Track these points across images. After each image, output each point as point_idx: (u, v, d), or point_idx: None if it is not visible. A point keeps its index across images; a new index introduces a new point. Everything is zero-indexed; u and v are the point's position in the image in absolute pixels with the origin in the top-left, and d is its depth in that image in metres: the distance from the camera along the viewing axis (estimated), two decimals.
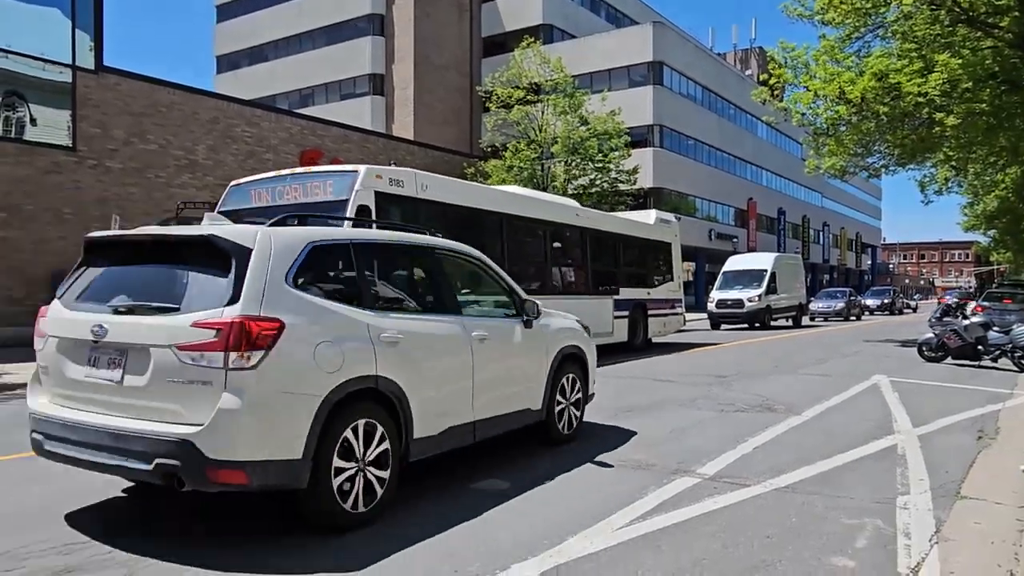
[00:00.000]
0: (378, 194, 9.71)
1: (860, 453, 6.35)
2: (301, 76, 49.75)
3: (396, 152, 31.49)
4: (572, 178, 28.57)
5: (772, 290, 27.47)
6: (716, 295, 27.68)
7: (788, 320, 29.11)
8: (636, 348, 16.74)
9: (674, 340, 19.95)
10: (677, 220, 20.81)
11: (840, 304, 35.01)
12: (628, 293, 16.53)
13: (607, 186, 29.14)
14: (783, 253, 38.12)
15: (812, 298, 37.81)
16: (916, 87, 16.87)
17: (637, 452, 6.29)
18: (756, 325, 26.58)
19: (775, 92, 22.50)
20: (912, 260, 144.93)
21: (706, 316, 27.87)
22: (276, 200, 9.73)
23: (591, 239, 15.47)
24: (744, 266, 28.81)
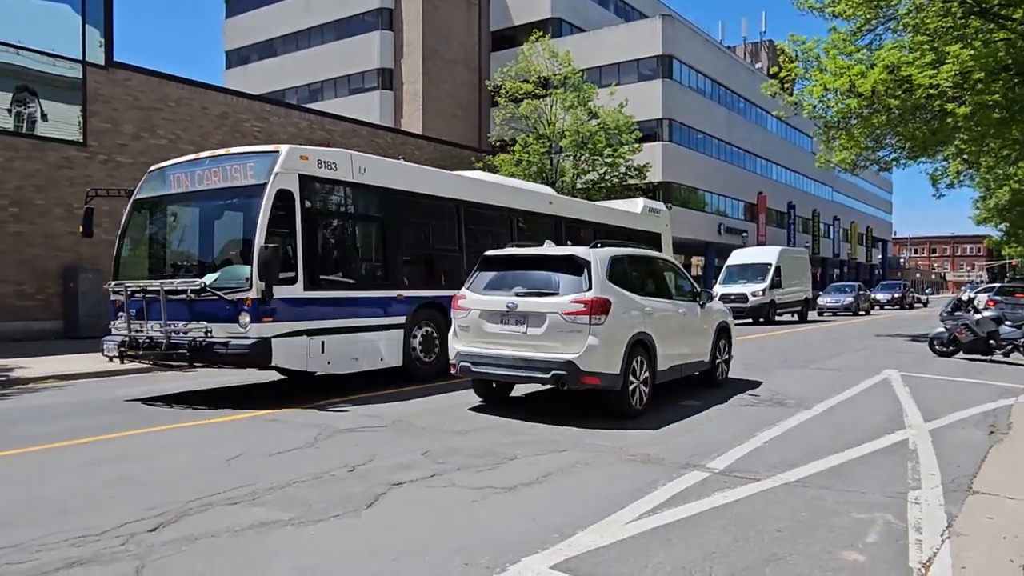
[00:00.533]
0: (304, 178, 8.80)
1: (871, 447, 6.32)
2: (310, 71, 49.78)
3: (405, 146, 31.47)
4: (581, 173, 28.48)
5: (777, 284, 26.95)
6: (719, 289, 26.97)
7: (793, 315, 28.73)
8: None
9: None
10: (668, 209, 19.78)
11: (849, 299, 34.76)
12: None
13: (616, 181, 29.03)
14: (788, 247, 37.85)
15: (820, 293, 37.62)
16: (928, 79, 16.72)
17: (648, 446, 6.28)
18: (760, 320, 26.22)
19: (785, 85, 22.37)
20: (923, 254, 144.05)
21: None
22: (196, 185, 9.04)
23: (567, 228, 14.45)
24: (748, 260, 28.27)
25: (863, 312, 35.66)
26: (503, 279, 8.02)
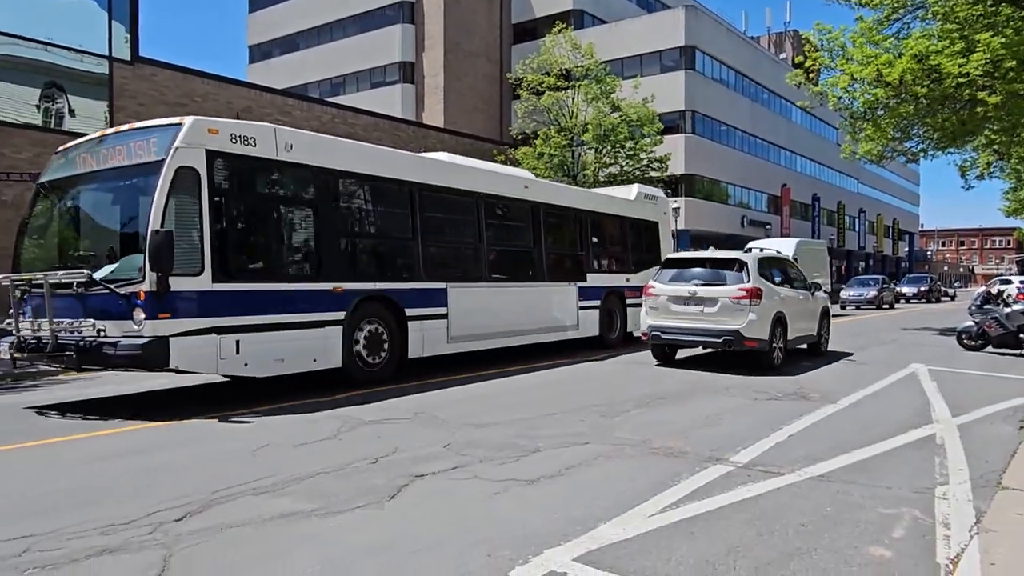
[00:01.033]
0: (213, 154, 7.72)
1: (897, 442, 6.25)
2: (332, 65, 49.97)
3: (426, 140, 31.52)
4: (603, 165, 28.34)
5: None
6: None
7: None
8: (610, 344, 14.58)
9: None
10: (667, 196, 18.28)
11: (872, 292, 34.27)
12: (598, 279, 14.41)
13: (639, 173, 28.86)
14: (806, 238, 37.17)
15: (843, 286, 37.15)
16: (957, 68, 16.42)
17: (670, 439, 6.25)
18: None
19: (810, 76, 22.08)
20: (951, 247, 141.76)
21: None
22: (102, 164, 8.13)
23: (546, 216, 13.20)
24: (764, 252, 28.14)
25: (887, 306, 35.20)
26: (682, 274, 11.34)
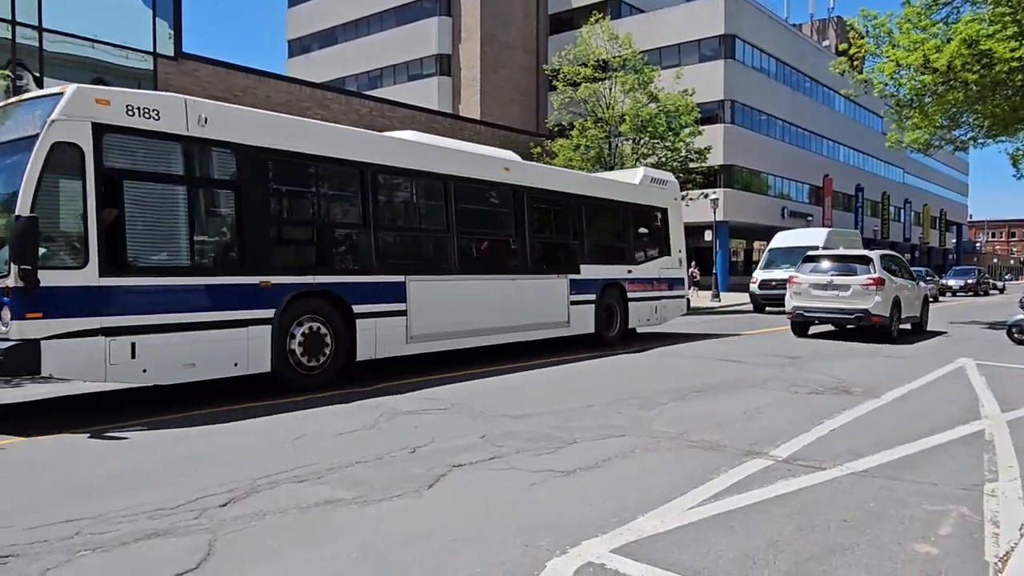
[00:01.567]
0: (101, 128, 6.76)
1: (944, 438, 6.10)
2: (370, 58, 50.33)
3: (463, 132, 31.58)
4: (641, 157, 28.10)
5: None
6: (760, 275, 24.95)
7: None
8: (608, 342, 13.43)
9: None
10: (677, 180, 16.73)
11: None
12: (594, 271, 13.14)
13: (677, 165, 28.54)
14: (838, 228, 36.08)
15: None
16: (1009, 52, 15.91)
17: (708, 433, 6.20)
18: None
19: (855, 63, 21.58)
20: (1001, 238, 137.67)
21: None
22: None
23: (531, 202, 12.00)
24: (792, 243, 25.99)
25: (932, 299, 34.29)
26: (819, 266, 15.06)
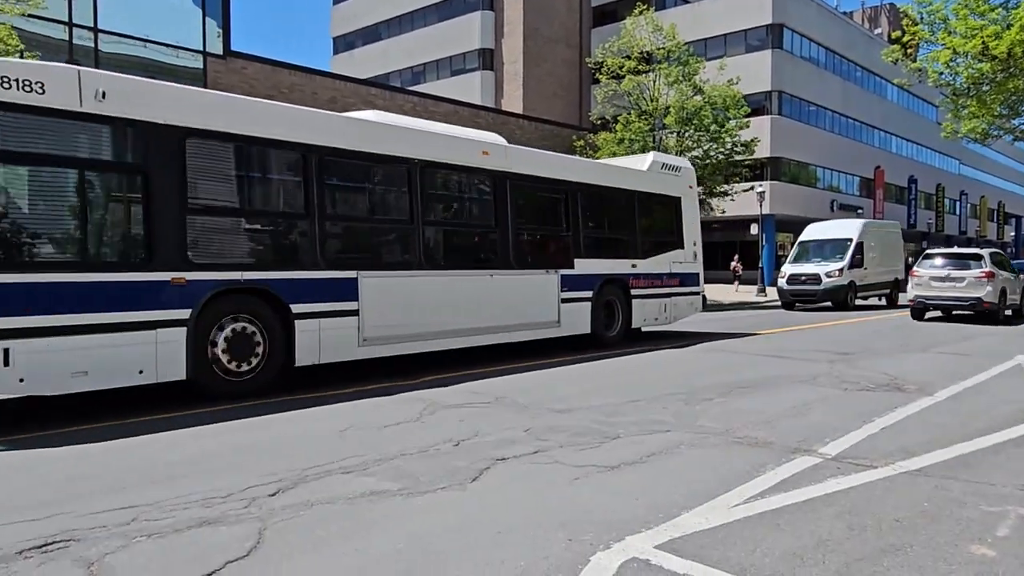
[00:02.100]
0: None
1: (1001, 437, 5.91)
2: (413, 53, 50.69)
3: (506, 126, 31.60)
4: (686, 149, 27.75)
5: (858, 263, 23.36)
6: (788, 269, 23.49)
7: (881, 299, 25.51)
8: (607, 342, 12.30)
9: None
10: (692, 167, 15.48)
11: None
12: (591, 266, 12.02)
13: (722, 157, 28.12)
14: (875, 219, 34.75)
15: None
16: None
17: (755, 429, 6.11)
18: (837, 305, 22.86)
19: (908, 51, 21.00)
20: None
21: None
22: None
23: (516, 189, 10.86)
24: (825, 235, 24.67)
25: None
26: (934, 262, 17.82)
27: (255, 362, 7.73)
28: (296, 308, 8.01)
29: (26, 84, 6.33)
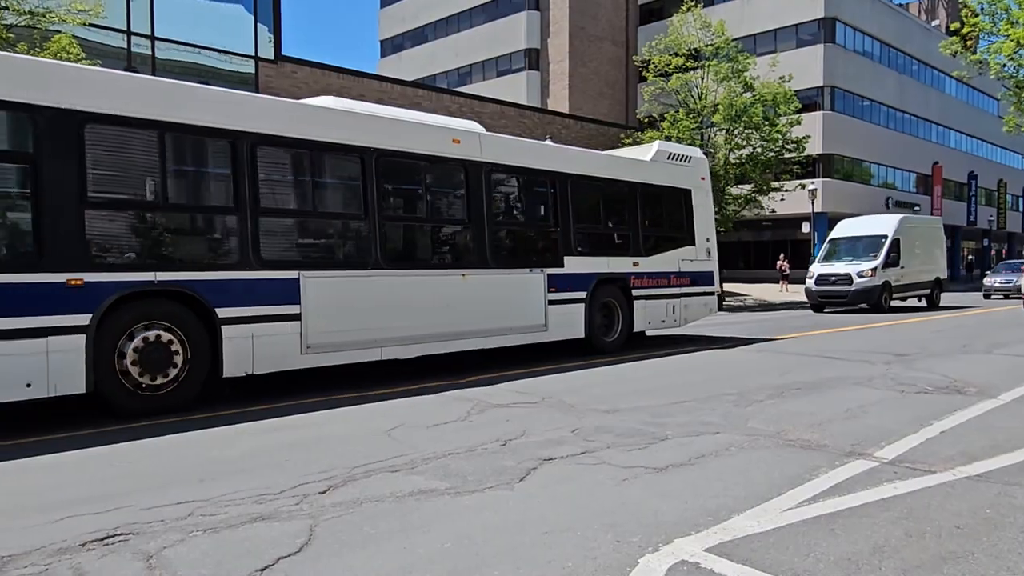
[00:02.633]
0: None
1: None
2: (460, 55, 51.01)
3: (551, 126, 31.57)
4: (735, 147, 27.31)
5: (893, 262, 21.69)
6: (817, 269, 22.15)
7: (920, 299, 24.01)
8: (604, 348, 11.40)
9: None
10: (706, 156, 14.20)
11: None
12: (584, 264, 11.12)
13: (772, 155, 27.60)
14: (913, 214, 32.95)
15: (988, 272, 33.97)
16: None
17: (808, 431, 5.98)
18: (871, 307, 21.26)
19: (968, 43, 20.35)
20: None
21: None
22: None
23: (493, 182, 10.07)
24: (858, 232, 23.07)
25: None
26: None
27: (173, 374, 6.95)
28: (223, 313, 7.25)
29: None
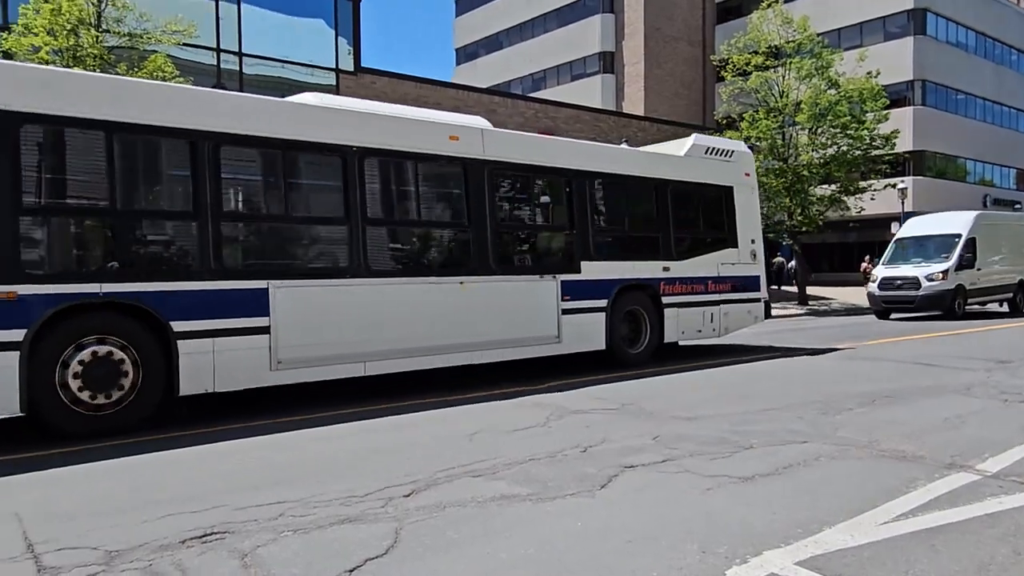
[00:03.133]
0: None
1: None
2: (534, 60, 51.22)
3: (627, 128, 31.29)
4: (819, 147, 26.39)
5: (967, 264, 19.74)
6: (881, 272, 20.42)
7: (1002, 304, 21.71)
8: (629, 360, 10.51)
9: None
10: (752, 150, 12.89)
11: None
12: (604, 269, 10.27)
13: (859, 153, 26.54)
14: (990, 211, 30.14)
15: None
16: None
17: (903, 442, 5.72)
18: (942, 313, 19.44)
19: None
20: None
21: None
22: None
23: (495, 181, 9.34)
24: (926, 231, 21.13)
25: None
26: None
27: (121, 393, 6.44)
28: (179, 326, 6.71)
29: None
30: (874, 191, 27.52)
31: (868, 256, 33.94)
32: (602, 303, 10.17)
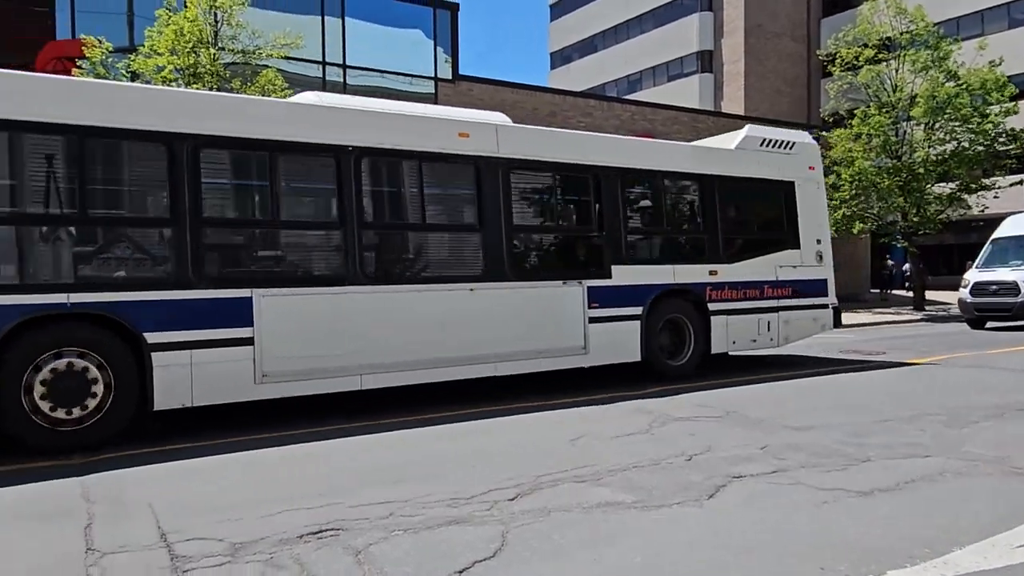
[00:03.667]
0: None
1: None
2: (629, 62, 50.79)
3: (726, 129, 30.48)
4: (937, 143, 24.85)
5: None
6: (974, 276, 18.12)
7: None
8: (669, 372, 9.65)
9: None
10: (814, 142, 12.04)
11: None
12: (639, 274, 9.48)
13: (982, 149, 24.83)
14: None
15: None
16: None
17: None
18: None
19: None
20: None
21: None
22: None
23: (512, 180, 8.67)
24: None
25: None
26: None
27: (92, 406, 6.17)
28: (153, 338, 6.40)
29: None
30: (998, 188, 25.72)
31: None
32: (636, 311, 9.38)
